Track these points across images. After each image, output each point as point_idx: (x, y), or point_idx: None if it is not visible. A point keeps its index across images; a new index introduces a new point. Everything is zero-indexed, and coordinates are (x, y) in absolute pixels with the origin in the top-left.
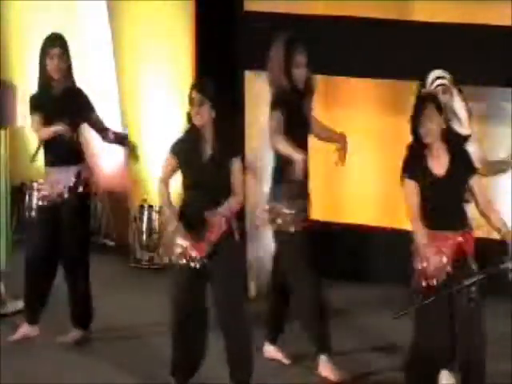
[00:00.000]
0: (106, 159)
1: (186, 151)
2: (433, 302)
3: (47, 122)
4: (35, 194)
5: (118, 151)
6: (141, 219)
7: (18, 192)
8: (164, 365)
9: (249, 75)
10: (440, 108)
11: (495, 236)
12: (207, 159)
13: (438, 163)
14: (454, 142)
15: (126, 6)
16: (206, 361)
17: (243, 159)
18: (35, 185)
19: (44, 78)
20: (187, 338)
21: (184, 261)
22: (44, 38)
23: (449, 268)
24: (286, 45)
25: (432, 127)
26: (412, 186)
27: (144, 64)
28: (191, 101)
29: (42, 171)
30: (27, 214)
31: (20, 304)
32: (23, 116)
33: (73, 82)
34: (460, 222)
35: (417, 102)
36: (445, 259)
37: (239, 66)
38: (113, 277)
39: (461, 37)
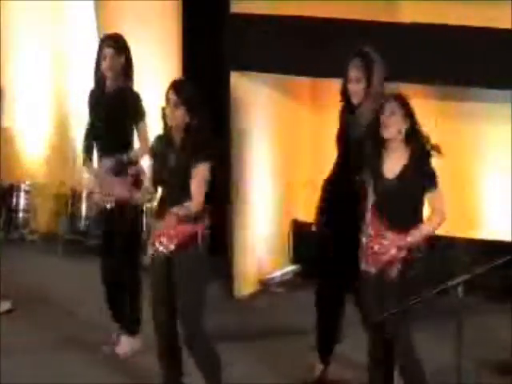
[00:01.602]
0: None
1: (156, 149)
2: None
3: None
4: (23, 194)
5: None
6: None
7: (6, 193)
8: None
9: (235, 75)
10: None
11: (483, 237)
12: (173, 161)
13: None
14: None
15: (114, 6)
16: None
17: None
18: (23, 186)
19: (98, 76)
20: (159, 325)
21: (153, 250)
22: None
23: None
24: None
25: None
26: None
27: None
28: (167, 100)
29: (30, 172)
30: (15, 214)
31: (5, 304)
32: (10, 117)
33: (126, 82)
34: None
35: None
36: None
37: (225, 67)
38: (98, 280)
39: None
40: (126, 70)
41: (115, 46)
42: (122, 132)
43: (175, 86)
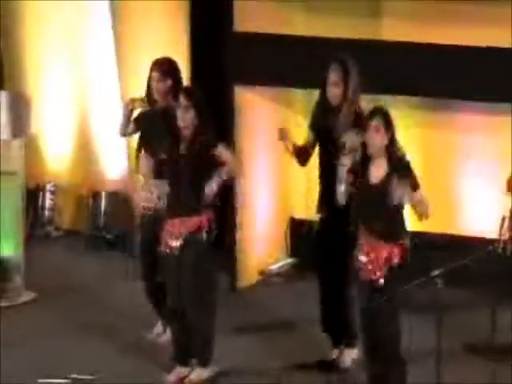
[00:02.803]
0: (109, 161)
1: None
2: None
3: (142, 139)
4: (48, 195)
5: (121, 153)
6: None
7: (33, 193)
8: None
9: (238, 90)
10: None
11: (463, 233)
12: (182, 160)
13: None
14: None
15: (126, 22)
16: None
17: None
18: (48, 186)
19: (149, 97)
20: (177, 323)
21: (163, 249)
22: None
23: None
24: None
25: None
26: None
27: (140, 79)
28: (178, 104)
29: (54, 174)
30: (41, 213)
31: (33, 294)
32: (36, 123)
33: (174, 100)
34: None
35: None
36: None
37: (229, 81)
38: (117, 272)
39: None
40: (173, 90)
41: (160, 70)
42: None
43: (186, 92)
